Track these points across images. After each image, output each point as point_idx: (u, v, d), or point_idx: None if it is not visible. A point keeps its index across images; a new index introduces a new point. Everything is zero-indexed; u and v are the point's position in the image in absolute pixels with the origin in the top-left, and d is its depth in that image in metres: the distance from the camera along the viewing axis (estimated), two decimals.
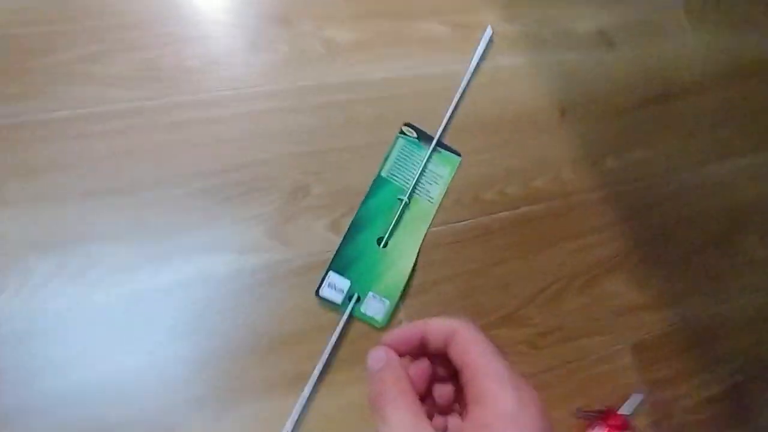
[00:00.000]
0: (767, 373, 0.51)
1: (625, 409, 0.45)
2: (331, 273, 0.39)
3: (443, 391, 0.24)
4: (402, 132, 0.44)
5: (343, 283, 0.39)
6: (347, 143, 0.43)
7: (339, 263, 0.40)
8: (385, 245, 0.41)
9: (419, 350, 0.23)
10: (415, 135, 0.44)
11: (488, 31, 0.48)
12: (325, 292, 0.39)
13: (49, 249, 0.35)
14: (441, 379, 0.24)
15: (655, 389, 0.47)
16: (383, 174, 0.43)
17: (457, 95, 0.46)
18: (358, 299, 0.40)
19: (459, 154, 0.45)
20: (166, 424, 0.35)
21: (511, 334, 0.44)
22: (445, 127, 0.45)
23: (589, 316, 0.47)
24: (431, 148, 0.44)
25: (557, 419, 0.44)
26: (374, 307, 0.40)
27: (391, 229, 0.41)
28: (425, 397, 0.24)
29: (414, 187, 0.43)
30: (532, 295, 0.45)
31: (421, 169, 0.43)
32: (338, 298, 0.39)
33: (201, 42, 0.42)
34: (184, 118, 0.40)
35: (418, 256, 0.42)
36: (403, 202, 0.42)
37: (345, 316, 0.39)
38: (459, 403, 0.24)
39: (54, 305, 0.35)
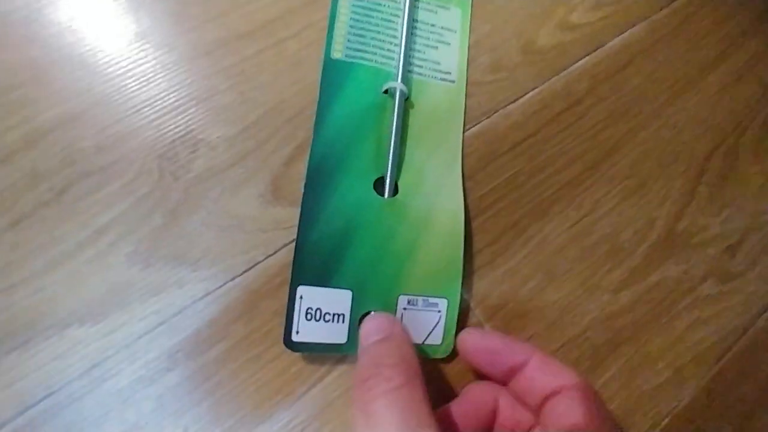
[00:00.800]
0: None
1: None
2: (302, 289, 0.18)
3: None
4: None
5: (338, 300, 0.18)
6: (244, 24, 0.20)
7: (312, 264, 0.18)
8: (395, 191, 0.20)
9: (502, 377, 0.17)
10: None
11: None
12: (305, 332, 0.18)
13: None
14: None
15: None
16: (335, 55, 0.20)
17: None
18: None
19: None
20: None
21: (679, 274, 0.23)
22: None
23: None
24: None
25: None
26: (420, 322, 0.19)
27: (394, 156, 0.20)
28: None
29: (406, 62, 0.21)
30: (685, 188, 0.24)
31: (405, 23, 0.21)
32: (339, 333, 0.18)
33: None
34: None
35: (464, 188, 0.21)
36: (399, 94, 0.20)
37: None
38: None
39: None
